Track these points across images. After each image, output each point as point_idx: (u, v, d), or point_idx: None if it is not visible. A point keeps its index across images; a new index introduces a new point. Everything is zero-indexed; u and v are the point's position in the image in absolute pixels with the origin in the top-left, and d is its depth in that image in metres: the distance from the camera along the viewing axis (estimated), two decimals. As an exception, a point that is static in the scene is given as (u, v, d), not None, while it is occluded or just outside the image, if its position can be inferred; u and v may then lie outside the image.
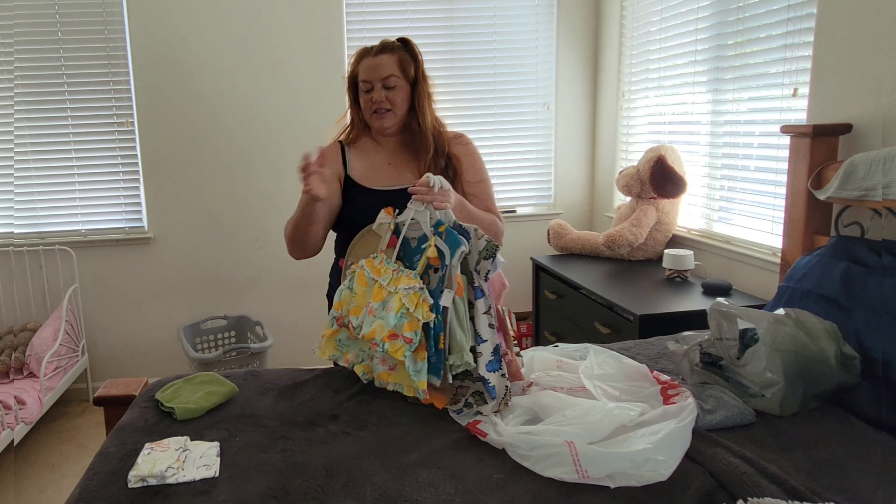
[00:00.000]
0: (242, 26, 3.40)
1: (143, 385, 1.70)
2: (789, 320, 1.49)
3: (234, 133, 3.49)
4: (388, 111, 1.77)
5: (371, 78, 1.75)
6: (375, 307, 1.47)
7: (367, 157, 1.85)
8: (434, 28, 3.57)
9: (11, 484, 2.71)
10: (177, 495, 1.17)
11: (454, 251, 1.45)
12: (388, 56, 1.76)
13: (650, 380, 1.47)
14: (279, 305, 3.66)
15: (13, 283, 3.43)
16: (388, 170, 1.81)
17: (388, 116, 1.77)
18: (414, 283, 1.45)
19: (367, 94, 1.77)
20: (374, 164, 1.83)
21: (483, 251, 1.47)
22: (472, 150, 1.88)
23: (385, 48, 1.77)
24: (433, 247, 1.46)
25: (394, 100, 1.76)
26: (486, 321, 1.45)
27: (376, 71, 1.75)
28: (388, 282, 1.48)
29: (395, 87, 1.76)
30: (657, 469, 1.15)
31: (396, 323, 1.42)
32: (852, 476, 1.20)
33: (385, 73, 1.74)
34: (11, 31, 3.27)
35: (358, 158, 1.84)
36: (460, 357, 1.42)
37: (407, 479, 1.20)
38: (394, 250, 1.55)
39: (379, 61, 1.75)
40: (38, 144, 3.39)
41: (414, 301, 1.42)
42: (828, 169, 1.95)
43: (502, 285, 1.60)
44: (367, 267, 1.55)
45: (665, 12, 3.06)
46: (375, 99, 1.75)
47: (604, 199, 3.75)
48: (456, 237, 1.46)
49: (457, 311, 1.44)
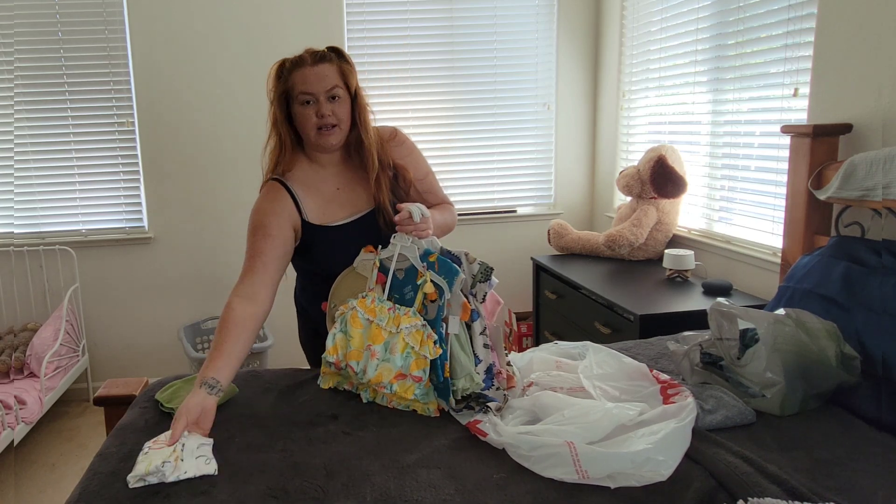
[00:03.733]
0: (242, 26, 3.41)
1: (143, 385, 1.70)
2: (789, 320, 1.49)
3: (235, 133, 3.49)
4: (335, 126, 1.60)
5: (314, 90, 1.58)
6: (378, 350, 1.44)
7: (315, 189, 1.68)
8: (434, 28, 3.57)
9: (11, 484, 2.71)
10: (177, 495, 1.17)
11: (452, 280, 1.44)
12: (328, 66, 1.60)
13: (650, 379, 1.47)
14: (279, 305, 3.64)
15: (13, 283, 3.43)
16: (340, 196, 1.69)
17: (336, 132, 1.61)
18: (415, 320, 1.43)
19: (307, 108, 1.59)
20: (324, 195, 1.68)
21: (478, 274, 1.48)
22: (409, 146, 1.77)
23: (322, 57, 1.61)
24: (429, 282, 1.44)
25: (339, 113, 1.60)
26: (482, 342, 1.46)
27: (320, 82, 1.58)
28: (387, 322, 1.45)
29: (340, 98, 1.60)
30: (657, 469, 1.15)
31: (403, 364, 1.40)
32: (852, 476, 1.20)
33: (329, 84, 1.58)
34: (11, 31, 3.27)
35: (308, 196, 1.66)
36: (469, 380, 1.42)
37: (407, 479, 1.20)
38: (384, 287, 1.52)
39: (320, 71, 1.58)
40: (38, 144, 3.39)
41: (418, 339, 1.41)
42: (828, 169, 1.95)
43: (496, 302, 1.60)
44: (360, 308, 1.49)
45: (665, 12, 3.06)
46: (323, 113, 1.58)
47: (604, 199, 3.75)
48: (450, 265, 1.45)
49: (458, 336, 1.44)
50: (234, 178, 3.53)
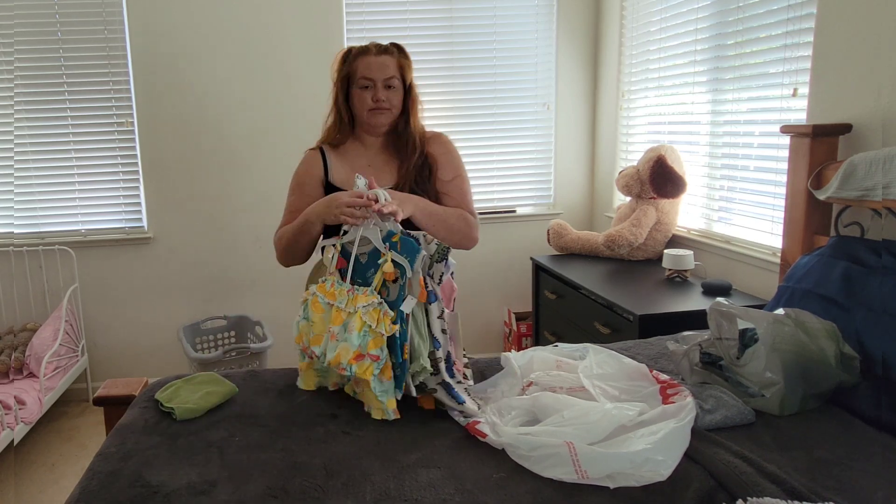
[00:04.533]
0: (242, 26, 3.41)
1: (143, 385, 1.70)
2: (789, 320, 1.50)
3: (234, 133, 3.49)
4: (387, 109, 1.81)
5: (374, 76, 1.78)
6: (336, 331, 1.44)
7: (348, 159, 1.88)
8: (434, 28, 3.57)
9: (11, 484, 2.71)
10: (177, 495, 1.17)
11: (414, 258, 1.43)
12: (389, 58, 1.81)
13: (649, 379, 1.47)
14: (279, 305, 3.66)
15: (13, 283, 3.43)
16: (368, 171, 1.82)
17: (386, 114, 1.82)
18: (371, 298, 1.43)
19: (365, 91, 1.80)
20: (355, 166, 1.86)
21: (435, 254, 1.48)
22: (448, 148, 1.91)
23: (385, 50, 1.82)
24: (389, 262, 1.45)
25: (392, 99, 1.81)
26: (440, 325, 1.46)
27: (380, 70, 1.78)
28: (346, 303, 1.46)
29: (395, 88, 1.81)
30: (656, 469, 1.15)
31: (361, 342, 1.40)
32: (852, 476, 1.20)
33: (388, 74, 1.79)
34: (11, 31, 3.27)
35: (339, 163, 1.88)
36: (419, 364, 1.42)
37: (407, 479, 1.20)
38: (345, 271, 1.53)
39: (382, 61, 1.79)
40: (38, 144, 3.39)
41: (375, 317, 1.41)
42: (828, 169, 1.95)
43: (452, 289, 1.61)
44: (320, 293, 1.53)
45: (665, 12, 3.06)
46: (378, 97, 1.79)
47: (604, 199, 3.75)
48: (412, 244, 1.45)
49: (415, 317, 1.44)
50: (234, 177, 3.53)
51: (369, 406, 1.48)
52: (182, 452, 1.32)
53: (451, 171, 1.88)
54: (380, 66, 1.79)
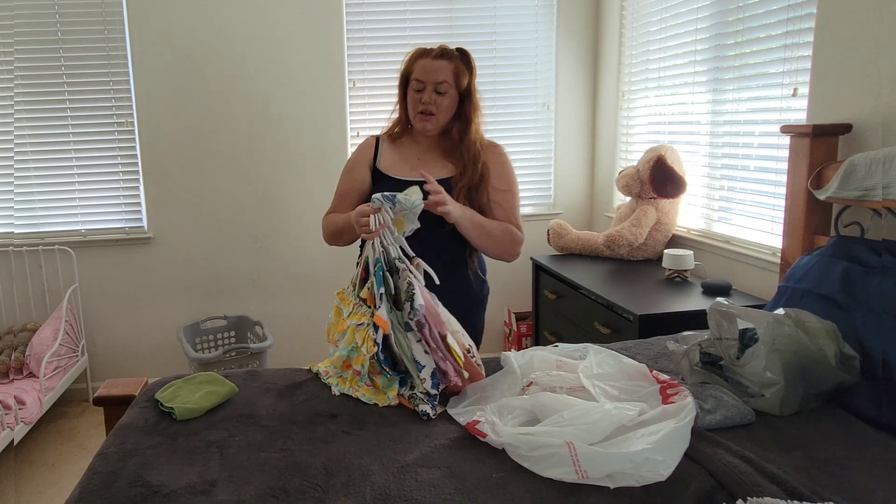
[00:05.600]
0: (242, 26, 3.41)
1: (143, 385, 1.70)
2: (789, 320, 1.49)
3: (234, 133, 3.49)
4: (433, 115, 1.83)
5: (425, 79, 1.81)
6: (338, 337, 1.61)
7: (400, 150, 1.94)
8: (434, 28, 3.57)
9: (11, 484, 2.71)
10: (177, 495, 1.17)
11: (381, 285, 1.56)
12: (445, 62, 1.82)
13: (649, 379, 1.47)
14: (279, 305, 3.66)
15: (13, 283, 3.43)
16: (417, 164, 1.88)
17: (432, 120, 1.84)
18: (363, 319, 1.54)
19: (417, 94, 1.83)
20: (405, 156, 1.92)
21: (405, 293, 1.55)
22: (503, 160, 1.94)
23: (444, 54, 1.83)
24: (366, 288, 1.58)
25: (441, 105, 1.82)
26: (421, 349, 1.53)
27: (432, 74, 1.80)
28: (349, 315, 1.60)
29: (445, 93, 1.82)
30: (656, 469, 1.15)
31: (348, 355, 1.55)
32: (852, 476, 1.20)
33: (440, 78, 1.80)
34: (11, 31, 3.27)
35: (390, 152, 1.94)
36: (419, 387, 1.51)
37: (407, 478, 1.20)
38: (361, 281, 1.63)
39: (436, 65, 1.81)
40: (38, 144, 3.39)
41: (362, 336, 1.52)
42: (828, 169, 1.95)
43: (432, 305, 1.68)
44: (338, 297, 1.67)
45: (665, 12, 3.06)
46: (424, 100, 1.81)
47: (604, 199, 3.75)
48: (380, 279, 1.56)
49: (400, 344, 1.52)
50: (234, 177, 3.53)
51: (369, 398, 1.54)
52: (182, 452, 1.32)
53: (504, 183, 1.90)
54: (432, 70, 1.80)
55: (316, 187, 3.52)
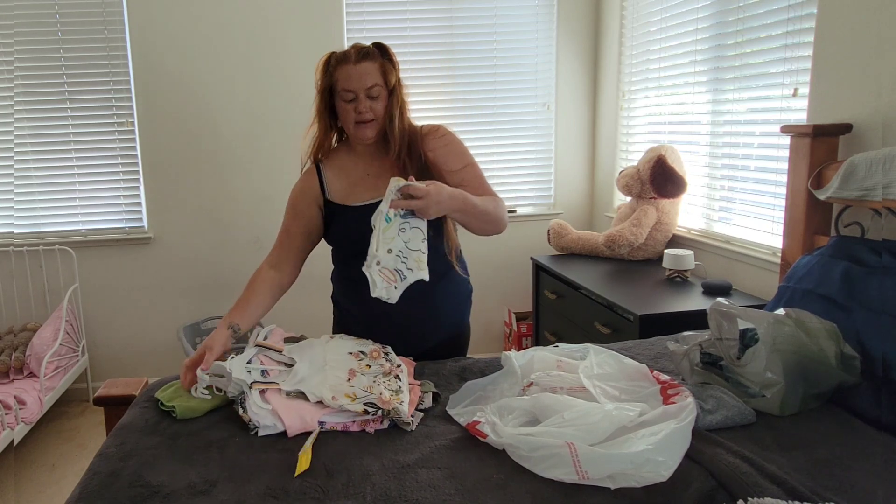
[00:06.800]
0: (242, 26, 3.41)
1: (143, 385, 1.70)
2: (789, 320, 1.49)
3: (234, 133, 3.50)
4: (372, 121, 1.69)
5: (355, 88, 1.66)
6: None
7: (345, 173, 1.79)
8: (434, 28, 3.57)
9: (11, 484, 2.71)
10: (176, 495, 1.17)
11: None
12: (370, 64, 1.67)
13: (650, 379, 1.47)
14: (279, 305, 3.64)
15: (13, 283, 3.43)
16: (368, 181, 1.75)
17: (371, 126, 1.69)
18: None
19: (348, 104, 1.68)
20: (353, 178, 1.77)
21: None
22: (448, 139, 1.79)
23: (365, 55, 1.67)
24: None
25: (377, 110, 1.69)
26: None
27: (360, 80, 1.66)
28: None
29: (378, 96, 1.68)
30: (657, 470, 1.15)
31: None
32: (852, 476, 1.20)
33: (370, 83, 1.66)
34: (11, 31, 3.27)
35: (336, 178, 1.78)
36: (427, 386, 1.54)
37: (407, 479, 1.20)
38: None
39: (362, 70, 1.66)
40: (38, 144, 3.39)
41: None
42: (828, 169, 1.95)
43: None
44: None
45: (665, 12, 3.06)
46: (360, 109, 1.67)
47: (604, 199, 3.75)
48: None
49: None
50: (234, 177, 3.53)
51: None
52: (182, 452, 1.32)
53: (459, 161, 1.77)
54: (359, 76, 1.65)
55: (316, 187, 3.52)
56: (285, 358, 1.57)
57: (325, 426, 1.39)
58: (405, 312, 1.67)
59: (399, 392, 1.45)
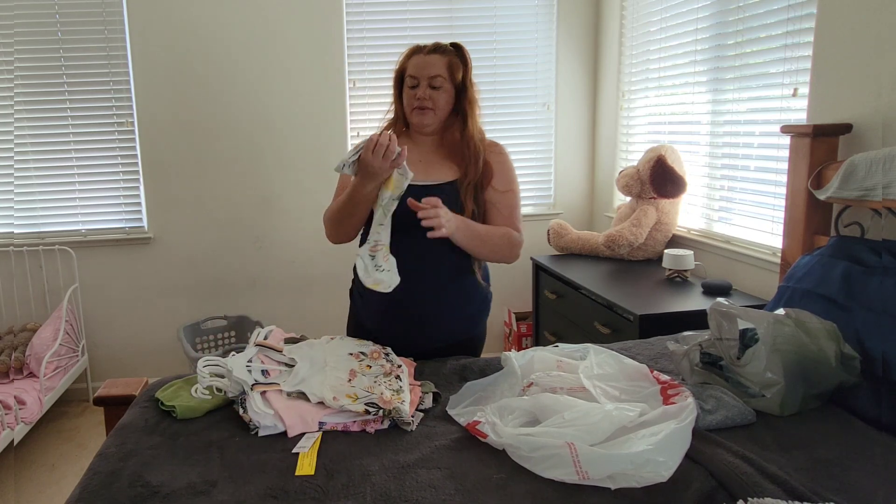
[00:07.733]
0: (242, 26, 3.40)
1: (143, 385, 1.70)
2: (789, 320, 1.49)
3: (234, 133, 3.49)
4: (430, 109, 1.79)
5: (419, 74, 1.78)
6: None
7: None
8: (434, 28, 3.57)
9: (11, 484, 2.71)
10: (176, 495, 1.17)
11: None
12: (438, 56, 1.79)
13: (650, 380, 1.47)
14: (279, 305, 3.66)
15: (13, 283, 3.43)
16: (419, 166, 1.81)
17: (429, 114, 1.79)
18: None
19: (411, 90, 1.79)
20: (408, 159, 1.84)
21: None
22: (503, 160, 1.89)
23: (437, 49, 1.81)
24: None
25: (437, 100, 1.78)
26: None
27: (425, 69, 1.77)
28: None
29: (440, 87, 1.78)
30: (657, 470, 1.15)
31: None
32: (852, 476, 1.20)
33: (433, 73, 1.77)
34: (11, 31, 3.27)
35: None
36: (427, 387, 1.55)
37: (407, 479, 1.20)
38: None
39: (429, 60, 1.78)
40: (38, 144, 3.39)
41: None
42: (828, 169, 1.95)
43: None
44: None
45: (665, 12, 3.06)
46: (419, 95, 1.78)
47: (604, 199, 3.75)
48: None
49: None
50: (234, 177, 3.53)
51: None
52: (182, 452, 1.32)
53: (506, 184, 1.86)
54: (425, 65, 1.78)
55: (316, 187, 3.51)
56: (286, 358, 1.57)
57: (325, 426, 1.39)
58: (419, 305, 1.77)
59: (400, 392, 1.45)
